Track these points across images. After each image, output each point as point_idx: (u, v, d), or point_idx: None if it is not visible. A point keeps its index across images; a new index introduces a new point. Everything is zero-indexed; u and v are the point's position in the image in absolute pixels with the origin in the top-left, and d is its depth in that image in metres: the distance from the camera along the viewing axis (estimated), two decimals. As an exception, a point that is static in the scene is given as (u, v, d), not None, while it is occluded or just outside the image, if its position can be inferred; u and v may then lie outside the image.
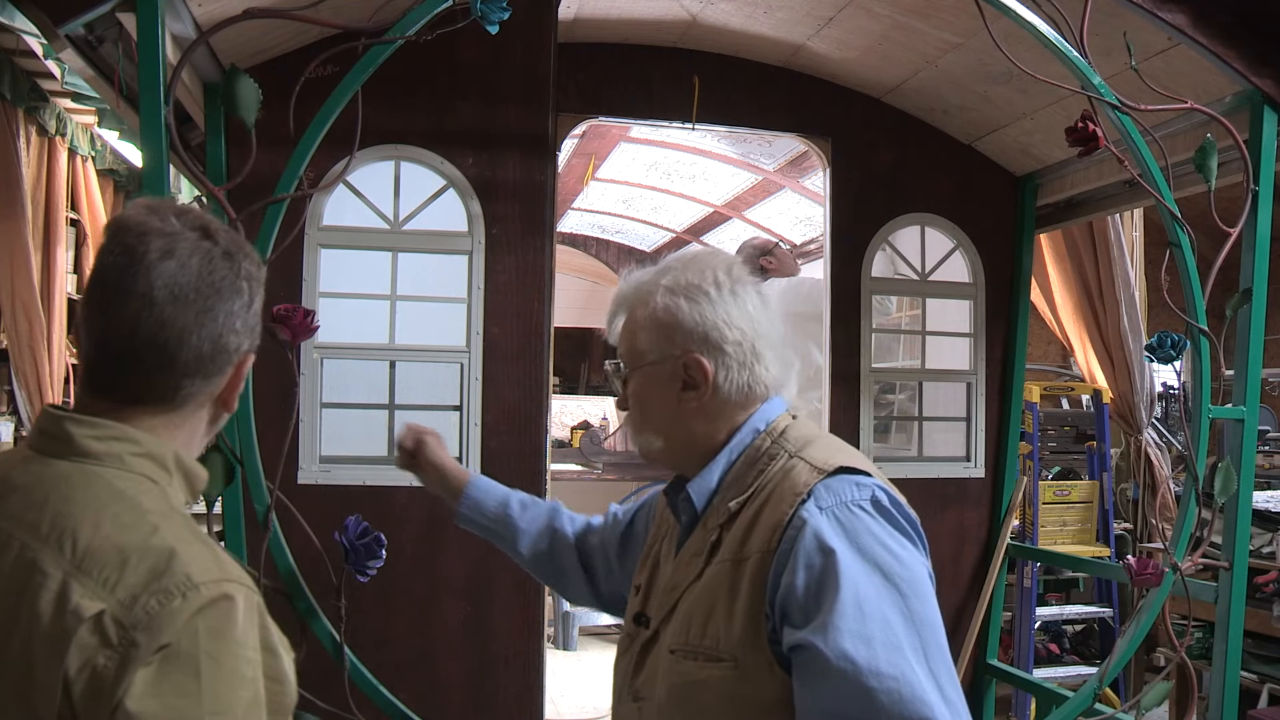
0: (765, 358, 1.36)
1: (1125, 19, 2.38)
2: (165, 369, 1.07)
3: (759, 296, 1.39)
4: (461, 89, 2.72)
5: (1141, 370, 4.65)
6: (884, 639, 1.11)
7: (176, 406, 1.10)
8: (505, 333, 2.73)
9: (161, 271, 1.05)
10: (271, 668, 1.02)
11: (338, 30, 2.00)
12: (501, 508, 1.77)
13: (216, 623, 0.96)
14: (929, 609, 1.18)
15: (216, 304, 1.08)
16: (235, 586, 0.99)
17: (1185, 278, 2.49)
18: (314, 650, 2.06)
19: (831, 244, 3.31)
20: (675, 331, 1.35)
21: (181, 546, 0.99)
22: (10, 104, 4.18)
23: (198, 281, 1.07)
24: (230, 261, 1.10)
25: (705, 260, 1.40)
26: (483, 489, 1.79)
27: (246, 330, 1.13)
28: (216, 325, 1.08)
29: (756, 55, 3.19)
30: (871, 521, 1.20)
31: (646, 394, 1.39)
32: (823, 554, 1.16)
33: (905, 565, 1.18)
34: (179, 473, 1.10)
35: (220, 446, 1.99)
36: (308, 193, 2.21)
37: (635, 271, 1.45)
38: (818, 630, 1.12)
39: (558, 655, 4.66)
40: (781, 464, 1.29)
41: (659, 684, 1.29)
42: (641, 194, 6.01)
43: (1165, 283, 2.54)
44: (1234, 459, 2.57)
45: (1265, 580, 4.13)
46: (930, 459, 3.39)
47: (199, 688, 0.94)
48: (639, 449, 1.46)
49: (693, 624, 1.26)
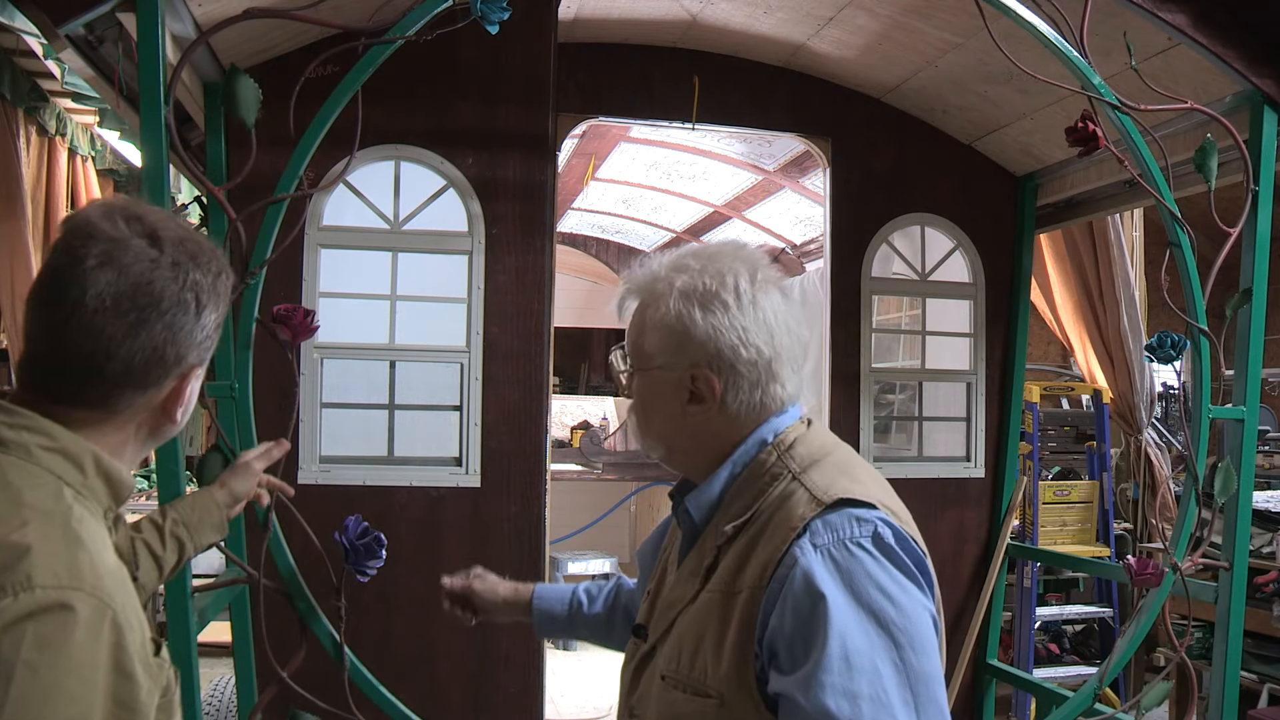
0: (781, 376, 1.25)
1: (1125, 19, 2.38)
2: (92, 377, 1.05)
3: (783, 301, 1.27)
4: (461, 89, 2.72)
5: (1141, 370, 4.65)
6: (871, 694, 1.04)
7: (109, 412, 1.07)
8: (505, 333, 2.73)
9: (96, 279, 1.02)
10: (122, 692, 0.95)
11: (338, 30, 2.00)
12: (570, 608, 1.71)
13: (46, 631, 0.91)
14: (925, 661, 1.08)
15: (153, 316, 1.05)
16: (83, 598, 0.93)
17: (1185, 278, 2.49)
18: (314, 650, 2.06)
19: (831, 244, 3.31)
20: (686, 342, 1.24)
21: (41, 545, 0.94)
22: (10, 104, 4.18)
23: (134, 292, 1.03)
24: (176, 272, 1.06)
25: (728, 261, 1.27)
26: (548, 600, 1.73)
27: (192, 344, 1.09)
28: (152, 337, 1.05)
29: (756, 55, 3.19)
30: (870, 562, 1.11)
31: (650, 398, 1.30)
32: (811, 599, 1.08)
33: (903, 612, 1.09)
34: (99, 476, 1.06)
35: (220, 446, 1.99)
36: (308, 193, 2.21)
37: (652, 259, 1.32)
38: (800, 683, 1.06)
39: (558, 655, 4.66)
40: (782, 488, 1.20)
41: (651, 708, 1.25)
42: (641, 194, 6.01)
43: (1165, 283, 2.54)
44: (1234, 459, 2.57)
45: (1265, 580, 4.12)
46: (930, 459, 3.39)
47: (5, 697, 0.87)
48: (643, 450, 1.39)
49: (683, 652, 1.21)
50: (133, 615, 1.00)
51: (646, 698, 1.27)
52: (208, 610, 2.17)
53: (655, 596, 1.35)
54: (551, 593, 1.75)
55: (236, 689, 2.41)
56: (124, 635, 0.96)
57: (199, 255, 1.09)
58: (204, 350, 1.12)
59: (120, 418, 1.08)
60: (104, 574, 0.98)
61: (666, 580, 1.35)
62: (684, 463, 1.33)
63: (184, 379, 1.10)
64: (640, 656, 1.32)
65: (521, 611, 1.74)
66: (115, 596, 0.97)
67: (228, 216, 1.94)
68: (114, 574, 1.01)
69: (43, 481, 1.01)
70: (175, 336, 1.07)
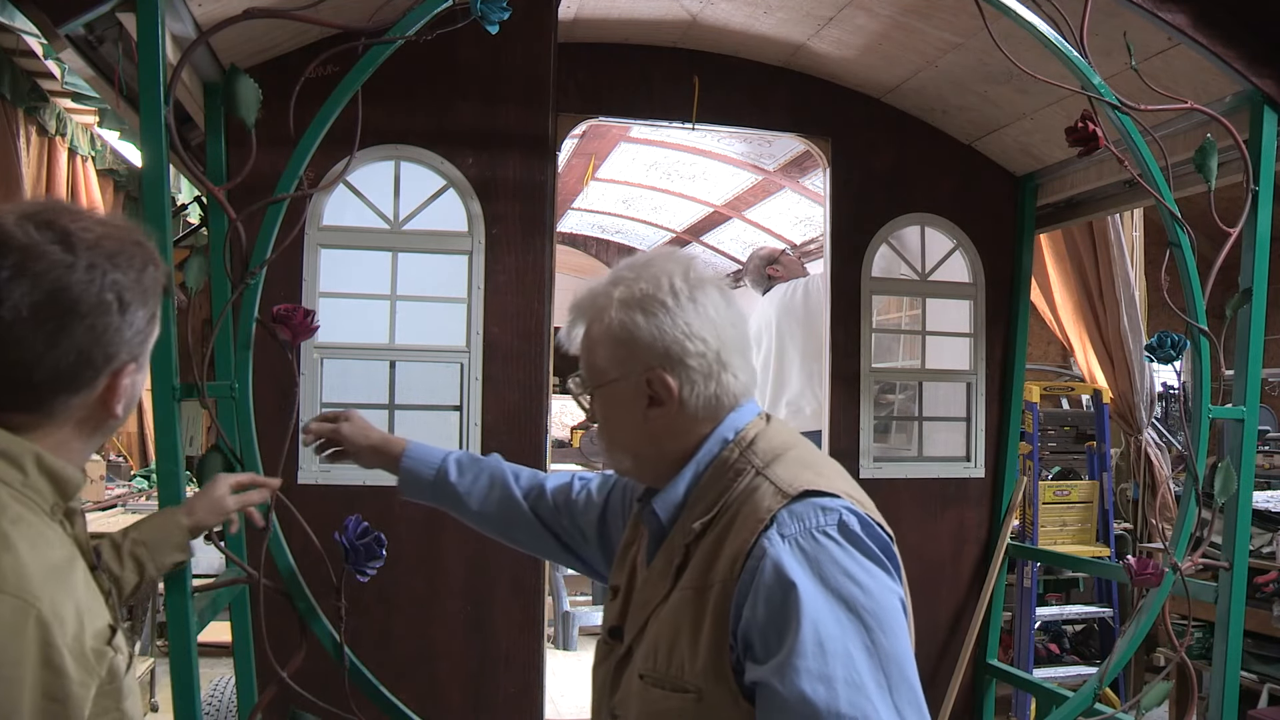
0: (732, 365, 1.29)
1: (1125, 19, 2.38)
2: (21, 386, 1.06)
3: (721, 298, 1.31)
4: (461, 89, 2.72)
5: (1141, 370, 4.65)
6: (845, 677, 1.06)
7: (45, 416, 1.09)
8: (505, 333, 2.73)
9: (10, 291, 1.03)
10: (51, 686, 0.98)
11: (338, 30, 2.00)
12: (439, 476, 1.73)
13: None
14: (895, 642, 1.11)
15: (73, 321, 1.05)
16: (3, 599, 0.96)
17: (1185, 278, 2.49)
18: (314, 650, 2.06)
19: (831, 244, 3.31)
20: (634, 348, 1.28)
21: None
22: (10, 104, 4.19)
23: (50, 300, 1.04)
24: (92, 274, 1.07)
25: (660, 266, 1.31)
26: (417, 460, 1.75)
27: (121, 342, 1.10)
28: (75, 342, 1.06)
29: (756, 55, 3.19)
30: (836, 549, 1.13)
31: (612, 412, 1.34)
32: (782, 588, 1.11)
33: (871, 596, 1.11)
34: (42, 475, 1.07)
35: (220, 446, 2.00)
36: (308, 193, 2.21)
37: (589, 280, 1.37)
38: (776, 670, 1.08)
39: (558, 655, 4.66)
40: (747, 482, 1.23)
41: (632, 707, 1.27)
42: (641, 194, 6.01)
43: (1165, 283, 2.54)
44: (1234, 459, 2.57)
45: (1265, 580, 4.13)
46: (930, 459, 3.39)
47: None
48: (611, 468, 1.41)
49: (659, 650, 1.23)
50: (66, 608, 1.01)
51: (627, 698, 1.29)
52: (208, 610, 2.17)
53: (627, 597, 1.37)
54: (422, 453, 1.76)
55: (236, 689, 2.41)
56: (50, 631, 0.98)
57: (118, 254, 1.10)
58: (136, 346, 1.13)
59: (57, 419, 1.10)
60: (31, 573, 0.99)
61: (636, 580, 1.36)
62: (650, 471, 1.35)
63: (117, 375, 1.11)
64: (618, 658, 1.33)
65: (389, 464, 1.77)
66: (43, 594, 0.99)
67: (228, 216, 1.94)
68: (48, 570, 1.02)
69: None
70: (100, 338, 1.08)
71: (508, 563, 2.71)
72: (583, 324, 1.37)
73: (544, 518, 1.70)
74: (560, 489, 1.70)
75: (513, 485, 1.72)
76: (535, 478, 1.74)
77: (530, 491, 1.72)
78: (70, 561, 1.07)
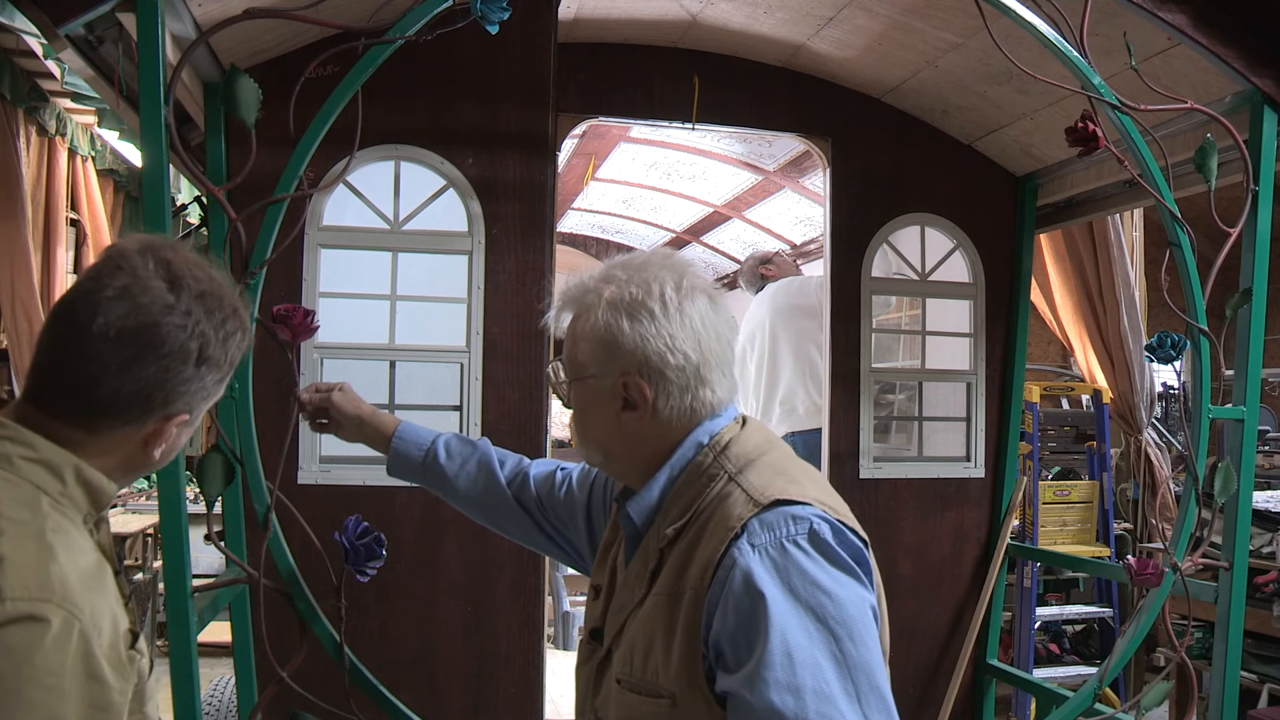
0: (710, 381, 1.29)
1: (1125, 19, 2.38)
2: (79, 398, 1.08)
3: (711, 308, 1.30)
4: (461, 89, 2.72)
5: (1141, 370, 4.65)
6: (814, 688, 1.07)
7: (89, 433, 1.10)
8: (505, 333, 2.73)
9: (108, 309, 1.06)
10: (96, 696, 1.00)
11: (338, 30, 1.99)
12: (428, 458, 1.74)
13: (14, 641, 0.94)
14: (865, 651, 1.11)
15: (149, 355, 1.08)
16: (53, 609, 0.97)
17: (1185, 278, 2.49)
18: (314, 650, 2.06)
19: (831, 244, 3.31)
20: (615, 351, 1.28)
21: (14, 556, 0.98)
22: (10, 104, 4.18)
23: (139, 329, 1.07)
24: (187, 320, 1.10)
25: (653, 270, 1.31)
26: (408, 440, 1.76)
27: (184, 393, 1.12)
28: (144, 376, 1.08)
29: (756, 55, 3.19)
30: (805, 560, 1.14)
31: (586, 406, 1.34)
32: (751, 598, 1.12)
33: (840, 605, 1.12)
34: (79, 485, 1.09)
35: (220, 446, 2.00)
36: (308, 193, 2.21)
37: (584, 272, 1.37)
38: (746, 681, 1.09)
39: (558, 655, 4.65)
40: (719, 488, 1.24)
41: (612, 710, 1.28)
42: (641, 194, 6.00)
43: (1165, 283, 2.54)
44: (1234, 459, 2.57)
45: (1265, 580, 4.13)
46: (930, 459, 3.39)
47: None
48: (584, 460, 1.42)
49: (635, 654, 1.24)
50: (104, 618, 1.03)
51: (607, 701, 1.30)
52: (208, 610, 2.17)
53: (608, 599, 1.38)
54: (412, 434, 1.77)
55: (236, 689, 2.41)
56: (91, 643, 1.00)
57: (216, 312, 1.13)
58: (196, 401, 1.15)
59: (100, 441, 1.11)
60: (74, 583, 1.01)
61: (617, 579, 1.37)
62: (622, 468, 1.36)
63: (168, 420, 1.13)
64: (598, 660, 1.35)
65: (378, 442, 1.78)
66: (84, 605, 1.00)
67: (228, 216, 1.94)
68: (86, 579, 1.04)
69: (21, 492, 1.04)
70: (167, 381, 1.10)
71: (508, 563, 2.71)
72: (569, 314, 1.37)
73: (527, 506, 1.71)
74: (543, 479, 1.71)
75: (497, 471, 1.72)
76: (520, 465, 1.75)
77: (514, 479, 1.73)
78: (100, 568, 1.08)
